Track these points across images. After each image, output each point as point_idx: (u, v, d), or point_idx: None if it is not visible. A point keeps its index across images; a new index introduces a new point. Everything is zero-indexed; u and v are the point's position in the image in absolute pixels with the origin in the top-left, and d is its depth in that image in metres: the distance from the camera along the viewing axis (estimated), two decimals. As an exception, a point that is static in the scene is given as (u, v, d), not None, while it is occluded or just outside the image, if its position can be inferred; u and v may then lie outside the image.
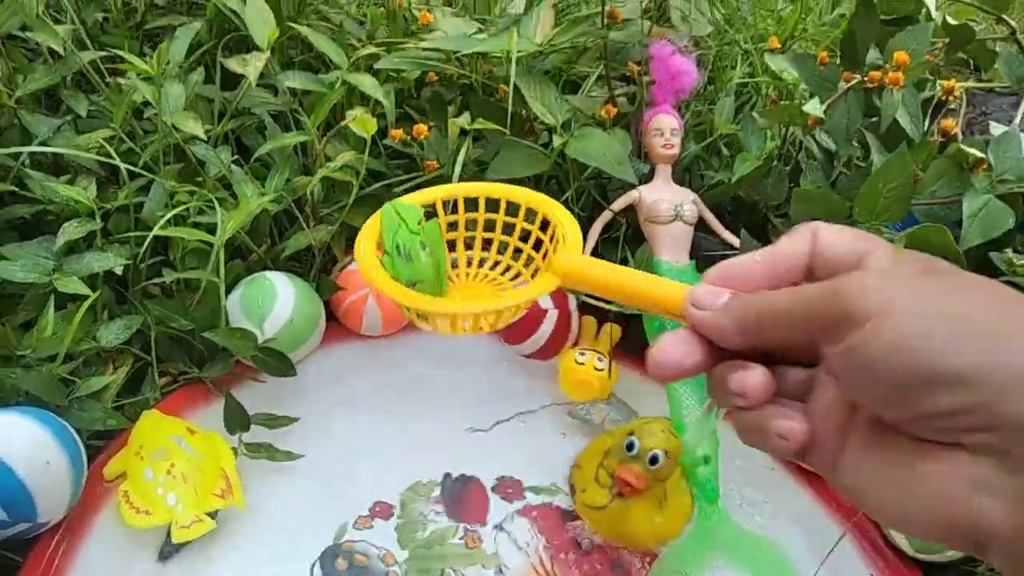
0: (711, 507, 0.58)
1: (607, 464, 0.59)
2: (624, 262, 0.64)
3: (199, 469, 0.56)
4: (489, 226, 0.43)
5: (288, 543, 0.56)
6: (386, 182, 0.64)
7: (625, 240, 0.66)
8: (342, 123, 0.61)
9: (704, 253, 0.67)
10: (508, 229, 0.42)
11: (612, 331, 0.70)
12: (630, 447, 0.57)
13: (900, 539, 0.55)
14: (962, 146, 0.55)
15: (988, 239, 0.50)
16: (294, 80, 0.66)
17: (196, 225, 0.59)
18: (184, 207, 0.59)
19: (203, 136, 0.61)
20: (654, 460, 0.56)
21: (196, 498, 0.54)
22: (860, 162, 0.68)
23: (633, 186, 0.66)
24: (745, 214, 0.71)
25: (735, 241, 0.63)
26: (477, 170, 0.65)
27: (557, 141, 0.60)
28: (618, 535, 0.59)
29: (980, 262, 0.57)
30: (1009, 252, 0.54)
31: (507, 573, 0.57)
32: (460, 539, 0.58)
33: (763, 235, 0.66)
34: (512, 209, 0.41)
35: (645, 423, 0.59)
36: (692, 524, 0.59)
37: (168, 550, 0.55)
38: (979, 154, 0.54)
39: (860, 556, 0.58)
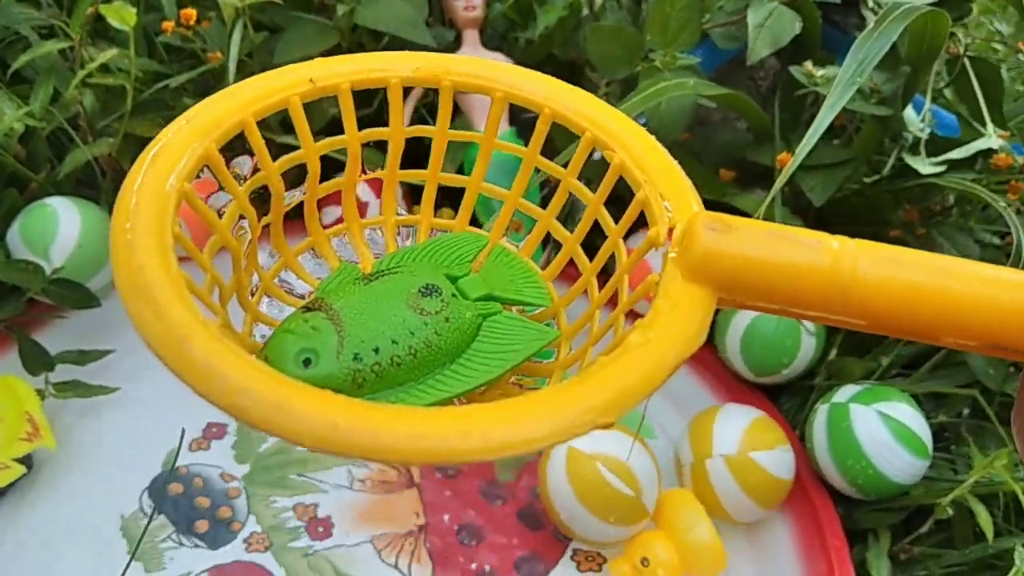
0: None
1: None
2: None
3: (-2, 417, 0.51)
4: None
5: (113, 478, 0.53)
6: (164, 83, 0.58)
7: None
8: (96, 9, 0.54)
9: (525, 117, 0.64)
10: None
11: (445, 217, 0.67)
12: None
13: (739, 365, 0.55)
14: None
15: (777, 48, 0.49)
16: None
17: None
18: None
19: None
20: None
21: (-1, 446, 0.50)
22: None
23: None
24: (564, 75, 0.68)
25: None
26: (269, 59, 0.60)
27: (342, 10, 0.55)
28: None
29: (785, 82, 0.57)
30: (808, 64, 0.53)
31: (359, 471, 0.54)
32: (305, 445, 0.56)
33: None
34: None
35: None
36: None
37: (-22, 506, 0.50)
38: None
39: (708, 389, 0.58)
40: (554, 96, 0.25)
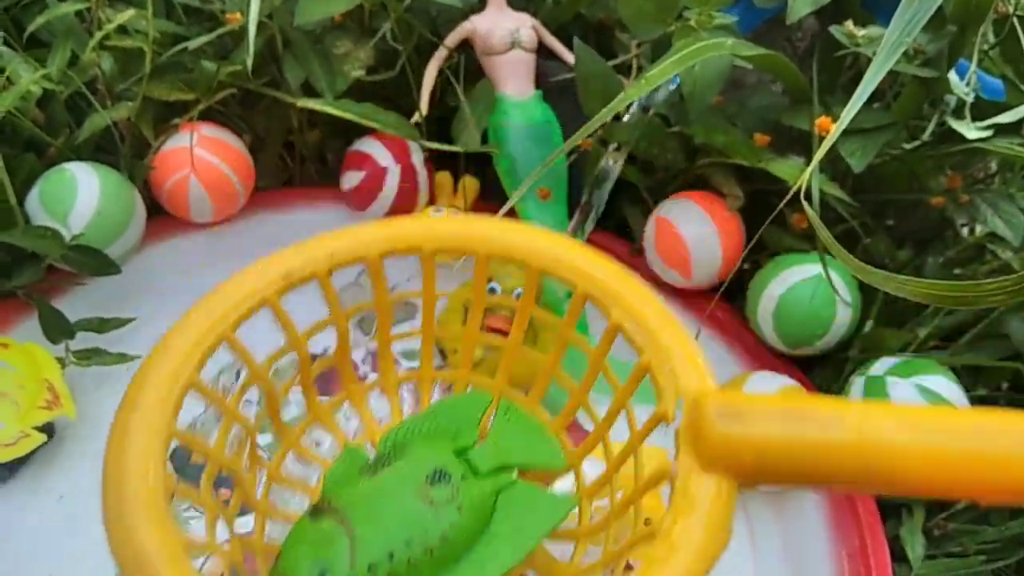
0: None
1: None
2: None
3: (18, 384, 0.50)
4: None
5: (135, 446, 0.52)
6: (183, 45, 0.56)
7: (462, 76, 0.61)
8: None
9: (551, 80, 0.63)
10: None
11: (470, 185, 0.66)
12: (491, 291, 0.54)
13: (770, 336, 0.54)
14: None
15: (818, 7, 0.47)
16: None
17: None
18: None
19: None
20: (517, 297, 0.53)
21: (19, 414, 0.49)
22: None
23: (464, 16, 0.61)
24: (592, 36, 0.67)
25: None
26: (289, 20, 0.58)
27: (364, -32, 0.54)
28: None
29: (824, 43, 0.54)
30: (849, 24, 0.51)
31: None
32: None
33: (609, 52, 0.62)
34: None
35: (500, 266, 0.55)
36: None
37: (1, 474, 0.50)
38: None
39: (738, 360, 0.57)
40: (540, 251, 0.25)
